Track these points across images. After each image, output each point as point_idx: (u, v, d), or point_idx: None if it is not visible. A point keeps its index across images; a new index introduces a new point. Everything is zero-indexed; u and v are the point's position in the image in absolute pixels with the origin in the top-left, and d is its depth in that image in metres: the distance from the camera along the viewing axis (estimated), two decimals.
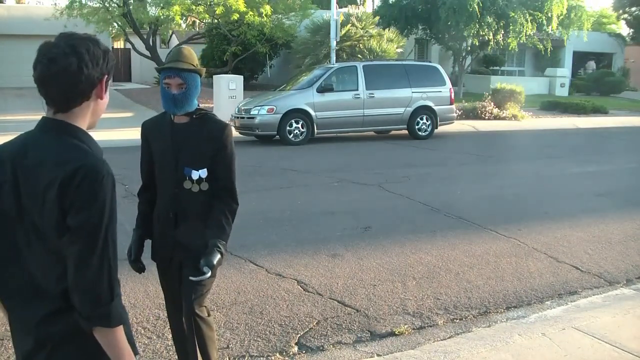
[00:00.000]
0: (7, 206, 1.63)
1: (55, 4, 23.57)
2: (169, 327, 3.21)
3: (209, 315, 2.94)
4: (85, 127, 1.68)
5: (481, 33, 23.82)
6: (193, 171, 2.77)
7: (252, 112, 13.73)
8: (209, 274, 2.66)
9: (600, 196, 8.48)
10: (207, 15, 21.79)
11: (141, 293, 4.44)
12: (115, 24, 22.27)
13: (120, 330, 1.58)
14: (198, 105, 2.83)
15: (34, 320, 1.61)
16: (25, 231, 1.62)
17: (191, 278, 2.71)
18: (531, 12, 23.84)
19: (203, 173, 2.78)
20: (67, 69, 1.58)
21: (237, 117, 14.05)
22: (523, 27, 23.45)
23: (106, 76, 1.67)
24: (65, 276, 1.57)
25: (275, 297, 4.55)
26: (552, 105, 22.93)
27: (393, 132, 15.62)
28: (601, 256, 5.71)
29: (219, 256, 2.69)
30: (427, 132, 15.00)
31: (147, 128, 2.93)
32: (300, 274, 5.04)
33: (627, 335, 3.87)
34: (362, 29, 22.17)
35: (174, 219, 2.82)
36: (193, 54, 2.83)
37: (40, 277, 1.62)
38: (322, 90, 14.08)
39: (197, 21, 25.70)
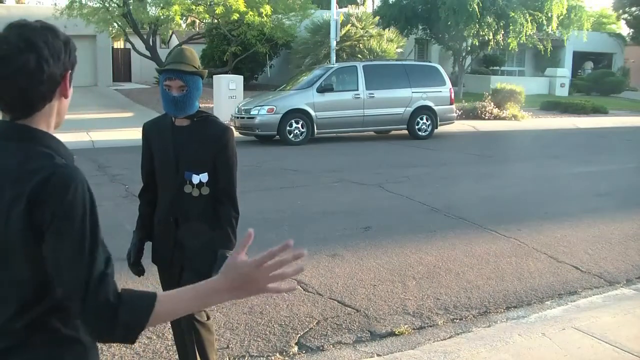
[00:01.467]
0: None
1: (55, 4, 23.62)
2: (168, 327, 3.21)
3: (208, 319, 2.93)
4: (51, 130, 1.43)
5: (481, 33, 23.84)
6: (194, 175, 2.74)
7: (252, 112, 13.73)
8: None
9: (600, 196, 8.48)
10: (207, 15, 21.80)
11: None
12: (115, 24, 22.29)
13: (155, 314, 1.32)
14: (199, 107, 2.80)
15: None
16: None
17: None
18: (531, 12, 23.86)
19: (204, 177, 2.74)
20: (24, 69, 1.32)
21: (237, 117, 14.05)
22: (523, 27, 23.47)
23: (70, 71, 1.42)
24: (25, 312, 1.35)
25: (275, 297, 4.55)
26: (552, 105, 22.93)
27: (393, 132, 15.61)
28: (601, 256, 5.70)
29: None
30: (427, 132, 15.00)
31: (148, 129, 2.90)
32: (300, 274, 5.03)
33: (627, 335, 3.87)
34: (362, 29, 22.18)
35: (174, 222, 2.80)
36: (195, 55, 2.78)
37: None
38: (322, 90, 14.08)
39: (197, 21, 25.71)
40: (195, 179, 2.74)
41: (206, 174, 2.75)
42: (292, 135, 13.67)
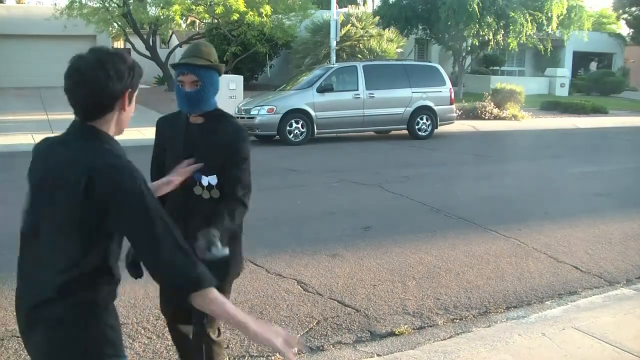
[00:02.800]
0: (38, 195, 1.76)
1: (55, 4, 23.65)
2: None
3: (219, 335, 2.82)
4: (112, 134, 1.80)
5: (481, 33, 23.84)
6: (203, 177, 2.62)
7: (252, 112, 13.74)
8: (226, 251, 2.38)
9: (600, 196, 8.48)
10: (207, 15, 21.82)
11: (141, 293, 4.44)
12: (115, 24, 22.31)
13: (216, 293, 1.72)
14: (216, 105, 2.66)
15: (30, 303, 1.74)
16: (47, 221, 1.73)
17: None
18: (531, 12, 23.88)
19: (213, 180, 2.61)
20: (92, 82, 1.69)
21: (237, 117, 13.99)
22: (523, 27, 23.48)
23: (129, 90, 1.79)
24: (64, 272, 1.69)
25: (275, 297, 4.55)
26: (552, 105, 22.94)
27: (393, 132, 15.62)
28: (601, 256, 5.71)
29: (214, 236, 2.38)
30: (427, 132, 15.01)
31: (161, 125, 2.81)
32: (300, 274, 5.04)
33: (627, 335, 3.87)
34: (362, 29, 22.19)
35: (183, 224, 2.60)
36: (212, 49, 2.66)
37: (43, 267, 1.73)
38: (322, 90, 14.08)
39: (197, 21, 25.71)
40: (205, 180, 2.62)
41: (215, 176, 2.62)
42: (292, 135, 13.67)
